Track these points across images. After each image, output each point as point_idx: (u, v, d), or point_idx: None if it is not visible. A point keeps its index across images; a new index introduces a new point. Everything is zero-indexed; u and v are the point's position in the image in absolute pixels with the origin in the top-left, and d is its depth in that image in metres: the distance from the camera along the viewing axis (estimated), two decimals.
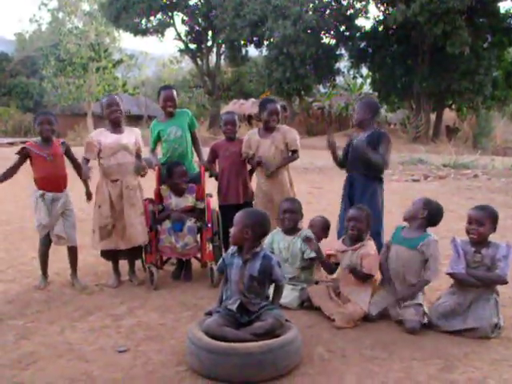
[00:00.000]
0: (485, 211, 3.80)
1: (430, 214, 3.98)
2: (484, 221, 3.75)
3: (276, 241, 4.48)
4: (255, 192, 5.20)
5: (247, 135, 5.23)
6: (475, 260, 3.76)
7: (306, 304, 4.15)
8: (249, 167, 5.31)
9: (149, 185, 5.16)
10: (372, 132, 4.65)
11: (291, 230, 4.44)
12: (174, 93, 5.17)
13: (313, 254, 4.29)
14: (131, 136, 4.83)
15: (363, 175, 4.62)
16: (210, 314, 3.41)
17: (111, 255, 4.86)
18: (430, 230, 4.03)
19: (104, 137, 4.73)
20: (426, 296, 3.98)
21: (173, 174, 4.92)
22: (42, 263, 4.79)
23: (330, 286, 4.14)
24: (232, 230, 3.42)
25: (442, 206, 4.08)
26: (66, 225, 4.66)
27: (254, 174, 5.34)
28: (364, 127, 4.68)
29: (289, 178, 5.16)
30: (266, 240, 4.54)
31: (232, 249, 3.50)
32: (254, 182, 5.24)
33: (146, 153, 5.30)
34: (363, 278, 4.00)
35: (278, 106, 5.10)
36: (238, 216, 3.43)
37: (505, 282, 3.72)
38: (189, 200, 4.95)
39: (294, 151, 5.10)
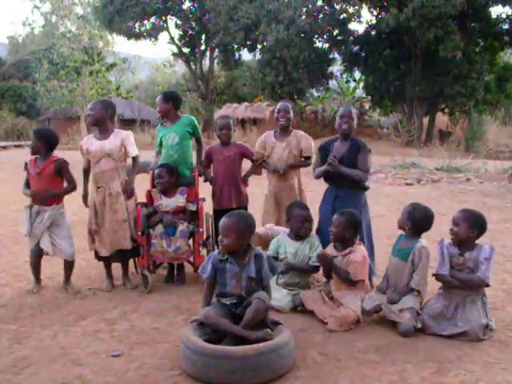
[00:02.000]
0: (463, 213, 3.82)
1: (416, 224, 3.94)
2: (459, 222, 3.77)
3: (282, 245, 4.48)
4: (266, 195, 5.23)
5: (263, 136, 5.29)
6: (458, 262, 3.78)
7: (300, 309, 4.15)
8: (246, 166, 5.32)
9: (144, 188, 5.15)
10: (352, 142, 4.68)
11: (300, 236, 4.46)
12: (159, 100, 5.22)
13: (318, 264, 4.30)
14: (116, 140, 4.69)
15: (348, 188, 4.63)
16: (195, 321, 3.35)
17: (103, 258, 4.84)
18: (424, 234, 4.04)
19: (90, 144, 4.75)
20: (421, 299, 3.95)
21: (156, 174, 4.96)
22: (33, 271, 4.76)
23: (322, 290, 4.15)
24: (225, 241, 3.33)
25: (431, 211, 4.01)
26: (58, 236, 4.64)
27: (251, 178, 5.37)
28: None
29: (298, 184, 5.19)
30: (272, 245, 4.55)
31: (219, 253, 3.44)
32: (255, 186, 5.23)
33: (143, 156, 5.33)
34: (348, 282, 4.01)
35: (287, 104, 5.14)
36: (228, 225, 3.33)
37: (486, 285, 3.74)
38: (179, 200, 4.95)
39: (308, 157, 5.14)
